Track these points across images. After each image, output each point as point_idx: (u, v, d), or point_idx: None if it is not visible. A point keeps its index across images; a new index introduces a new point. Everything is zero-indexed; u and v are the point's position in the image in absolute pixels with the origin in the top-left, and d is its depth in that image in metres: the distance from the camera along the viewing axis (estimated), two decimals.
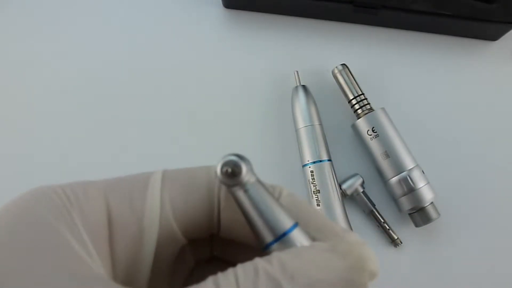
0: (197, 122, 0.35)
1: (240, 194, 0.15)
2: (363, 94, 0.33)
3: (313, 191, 0.32)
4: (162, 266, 0.16)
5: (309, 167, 0.32)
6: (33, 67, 0.37)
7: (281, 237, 0.15)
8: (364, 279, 0.14)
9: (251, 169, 0.15)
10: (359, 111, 0.33)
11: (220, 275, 0.13)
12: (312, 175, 0.32)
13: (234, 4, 0.37)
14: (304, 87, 0.34)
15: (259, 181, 0.15)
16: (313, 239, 0.15)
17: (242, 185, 0.15)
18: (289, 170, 0.34)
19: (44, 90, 0.36)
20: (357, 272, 0.14)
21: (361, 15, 0.36)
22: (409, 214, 0.32)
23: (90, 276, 0.13)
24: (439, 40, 0.37)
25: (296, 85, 0.34)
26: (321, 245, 0.14)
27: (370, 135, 0.32)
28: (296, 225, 0.15)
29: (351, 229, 0.31)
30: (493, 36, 0.37)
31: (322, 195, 0.31)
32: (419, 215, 0.31)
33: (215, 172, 0.15)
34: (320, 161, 0.32)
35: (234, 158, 0.15)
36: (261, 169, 0.34)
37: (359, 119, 0.32)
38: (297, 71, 0.34)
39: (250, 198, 0.15)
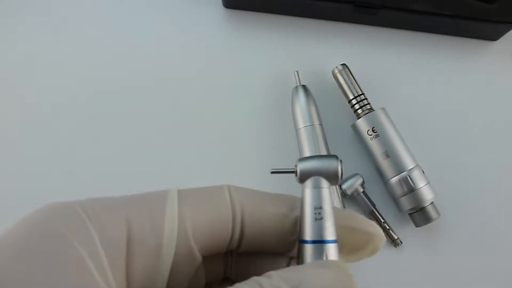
0: (197, 122, 0.35)
1: (307, 190, 0.17)
2: (363, 94, 0.33)
3: None
4: (177, 285, 0.16)
5: None
6: (33, 67, 0.36)
7: (318, 242, 0.16)
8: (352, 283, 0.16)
9: (322, 174, 0.18)
10: (359, 111, 0.33)
11: None
12: None
13: (234, 4, 0.37)
14: (304, 87, 0.34)
15: (327, 189, 0.18)
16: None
17: (309, 184, 0.17)
18: None
19: (44, 90, 0.36)
20: (348, 278, 0.15)
21: (361, 15, 0.36)
22: (409, 214, 0.32)
23: None
24: (439, 40, 0.37)
25: (296, 85, 0.34)
26: (315, 263, 0.16)
27: (370, 135, 0.32)
28: (335, 241, 0.17)
29: None
30: (493, 36, 0.37)
31: None
32: (419, 215, 0.31)
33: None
34: None
35: (299, 161, 0.18)
36: (261, 169, 0.35)
37: (359, 119, 0.32)
38: (297, 71, 0.34)
39: (312, 197, 0.17)
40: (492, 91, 0.36)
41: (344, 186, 0.33)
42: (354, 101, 0.33)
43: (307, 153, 0.32)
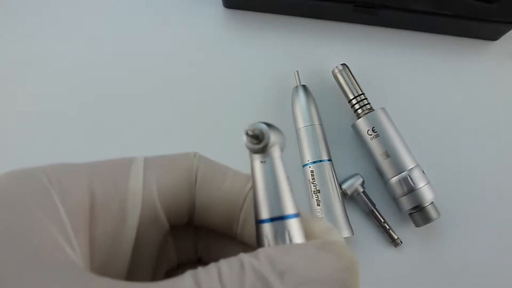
0: (196, 121, 0.35)
1: (257, 162, 0.15)
2: (363, 94, 0.33)
3: (313, 191, 0.32)
4: (144, 253, 0.16)
5: (309, 167, 0.32)
6: (33, 67, 0.36)
7: (277, 219, 0.14)
8: (356, 282, 0.13)
9: (279, 144, 0.15)
10: (359, 111, 0.33)
11: (200, 270, 0.12)
12: (312, 175, 0.32)
13: (234, 4, 0.37)
14: (304, 87, 0.34)
15: (281, 159, 0.15)
16: (308, 237, 0.15)
17: (262, 154, 0.15)
18: (289, 170, 0.34)
19: (43, 90, 0.36)
20: (351, 274, 0.13)
21: (361, 15, 0.36)
22: (409, 214, 0.32)
23: (63, 262, 0.12)
24: (439, 40, 0.37)
25: (296, 85, 0.34)
26: (314, 243, 0.14)
27: (370, 135, 0.32)
28: (297, 215, 0.15)
29: (351, 228, 0.31)
30: (493, 36, 0.37)
31: (322, 195, 0.31)
32: (419, 215, 0.31)
33: (244, 135, 0.14)
34: (320, 161, 0.32)
35: (263, 125, 0.14)
36: None
37: (359, 119, 0.32)
38: (297, 71, 0.34)
39: (264, 170, 0.15)
40: (492, 91, 0.36)
41: (344, 186, 0.33)
42: (354, 101, 0.33)
43: (307, 153, 0.32)
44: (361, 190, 0.33)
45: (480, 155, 0.35)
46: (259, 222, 0.15)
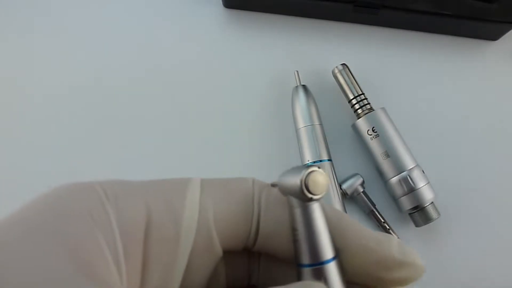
0: (197, 122, 0.35)
1: (317, 207, 0.15)
2: (363, 94, 0.33)
3: None
4: (194, 279, 0.15)
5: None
6: (33, 67, 0.36)
7: (317, 265, 0.15)
8: None
9: None
10: (359, 111, 0.33)
11: None
12: None
13: (234, 4, 0.37)
14: (304, 87, 0.34)
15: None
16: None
17: (316, 201, 0.15)
18: None
19: (43, 90, 0.36)
20: None
21: (361, 15, 0.36)
22: (409, 214, 0.32)
23: (106, 282, 0.12)
24: (439, 40, 0.37)
25: (296, 85, 0.34)
26: None
27: (370, 135, 0.32)
28: (335, 258, 0.15)
29: None
30: (493, 36, 0.37)
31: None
32: (419, 215, 0.31)
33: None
34: (320, 161, 0.32)
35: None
36: (261, 169, 0.34)
37: (359, 119, 0.32)
38: (297, 71, 0.34)
39: (323, 214, 0.15)
40: (492, 91, 0.36)
41: (344, 186, 0.33)
42: (354, 101, 0.33)
43: (307, 153, 0.32)
44: (361, 190, 0.33)
45: (480, 155, 0.35)
46: (300, 265, 0.15)
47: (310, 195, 0.14)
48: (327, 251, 0.15)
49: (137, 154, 0.35)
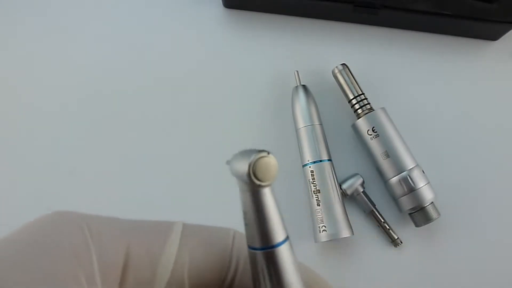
0: (197, 122, 0.35)
1: (267, 192, 0.14)
2: (363, 94, 0.33)
3: (313, 191, 0.32)
4: None
5: (309, 167, 0.32)
6: (33, 68, 0.36)
7: (267, 248, 0.15)
8: None
9: None
10: (359, 111, 0.33)
11: None
12: (312, 175, 0.32)
13: (234, 4, 0.37)
14: (304, 87, 0.34)
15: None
16: None
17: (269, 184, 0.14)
18: (289, 170, 0.34)
19: (43, 90, 0.36)
20: None
21: (361, 15, 0.36)
22: (409, 214, 0.32)
23: None
24: (439, 40, 0.37)
25: (296, 85, 0.34)
26: None
27: (370, 135, 0.32)
28: (286, 240, 0.15)
29: (351, 228, 0.31)
30: (493, 36, 0.37)
31: (322, 195, 0.31)
32: (419, 215, 0.31)
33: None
34: (320, 161, 0.32)
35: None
36: None
37: (359, 119, 0.32)
38: (297, 71, 0.34)
39: (273, 198, 0.15)
40: (492, 91, 0.36)
41: (344, 186, 0.33)
42: (354, 101, 0.33)
43: (307, 153, 0.32)
44: (361, 190, 0.33)
45: (480, 155, 0.35)
46: (252, 248, 0.15)
47: (258, 182, 0.14)
48: (277, 235, 0.15)
49: (137, 154, 0.35)
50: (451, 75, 0.37)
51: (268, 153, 0.14)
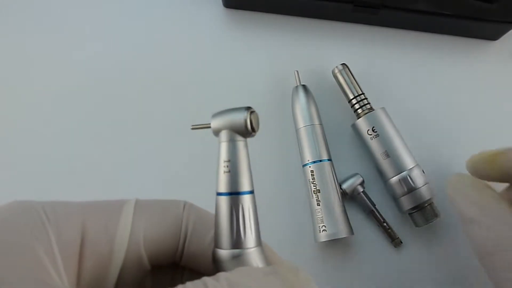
0: (196, 121, 0.35)
1: (244, 145, 0.17)
2: (363, 93, 0.33)
3: (313, 191, 0.32)
4: None
5: (309, 166, 0.32)
6: (32, 67, 0.37)
7: (229, 194, 0.17)
8: None
9: None
10: (359, 110, 0.33)
11: None
12: (312, 175, 0.32)
13: (234, 4, 0.37)
14: (304, 86, 0.34)
15: None
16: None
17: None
18: (289, 170, 0.34)
19: (44, 90, 0.36)
20: None
21: (361, 14, 0.36)
22: (409, 214, 0.32)
23: (51, 285, 0.14)
24: (439, 40, 0.37)
25: (296, 85, 0.34)
26: (265, 269, 0.16)
27: (370, 134, 0.32)
28: (252, 192, 0.17)
29: (351, 228, 0.31)
30: (493, 36, 0.37)
31: (322, 195, 0.31)
32: (419, 215, 0.31)
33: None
34: (320, 160, 0.32)
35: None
36: (260, 169, 0.34)
37: (359, 119, 0.32)
38: (297, 71, 0.34)
39: (246, 149, 0.17)
40: (492, 90, 0.36)
41: (344, 186, 0.33)
42: (354, 101, 0.33)
43: (307, 153, 0.32)
44: (361, 190, 0.33)
45: None
46: (218, 194, 0.17)
47: (252, 131, 0.17)
48: (251, 183, 0.17)
49: (136, 153, 0.35)
50: (451, 75, 0.37)
51: (252, 108, 0.17)
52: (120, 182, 0.34)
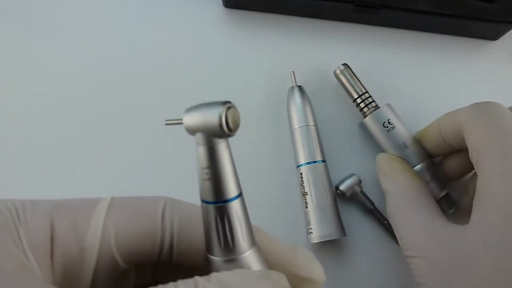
0: None
1: (224, 146, 0.15)
2: (367, 92, 0.33)
3: (303, 193, 0.32)
4: (101, 286, 0.17)
5: (301, 168, 0.32)
6: (34, 67, 0.36)
7: (220, 202, 0.15)
8: None
9: None
10: (365, 109, 0.33)
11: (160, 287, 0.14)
12: (301, 177, 0.32)
13: (234, 3, 0.37)
14: (299, 87, 0.34)
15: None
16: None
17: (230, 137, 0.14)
18: (284, 170, 0.34)
19: (44, 90, 0.36)
20: None
21: (361, 14, 0.36)
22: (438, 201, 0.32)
23: (29, 278, 0.14)
24: (439, 40, 0.37)
25: (292, 86, 0.34)
26: (257, 272, 0.16)
27: (387, 127, 0.32)
28: (240, 195, 0.15)
29: (344, 230, 0.31)
30: (493, 36, 0.37)
31: (311, 197, 0.31)
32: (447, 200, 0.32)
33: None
34: (314, 162, 0.32)
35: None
36: (256, 169, 0.34)
37: (368, 116, 0.32)
38: (293, 72, 0.34)
39: (226, 152, 0.15)
40: (491, 90, 0.36)
41: (341, 187, 0.32)
42: (359, 100, 0.33)
43: (301, 154, 0.32)
44: (359, 190, 0.33)
45: None
46: (203, 201, 0.15)
47: (228, 131, 0.14)
48: (237, 187, 0.15)
49: (136, 153, 0.35)
50: (451, 75, 0.37)
51: (231, 102, 0.14)
52: (120, 182, 0.34)
